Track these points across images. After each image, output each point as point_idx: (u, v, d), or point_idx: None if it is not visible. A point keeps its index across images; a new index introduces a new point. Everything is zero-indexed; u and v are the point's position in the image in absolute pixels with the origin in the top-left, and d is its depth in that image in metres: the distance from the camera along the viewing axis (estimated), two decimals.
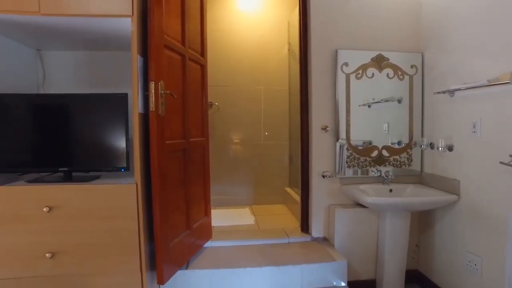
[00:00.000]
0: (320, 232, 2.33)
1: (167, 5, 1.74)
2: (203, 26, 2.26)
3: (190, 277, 1.93)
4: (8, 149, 1.68)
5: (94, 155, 1.73)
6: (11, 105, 1.69)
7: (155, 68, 1.62)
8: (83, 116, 1.72)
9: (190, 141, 2.06)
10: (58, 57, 2.11)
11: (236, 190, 3.49)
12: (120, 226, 1.57)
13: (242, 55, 3.42)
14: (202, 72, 2.27)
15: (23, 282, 1.55)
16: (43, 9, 1.49)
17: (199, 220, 2.19)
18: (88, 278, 1.57)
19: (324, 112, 2.28)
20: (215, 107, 3.40)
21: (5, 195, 1.53)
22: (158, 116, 1.64)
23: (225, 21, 3.40)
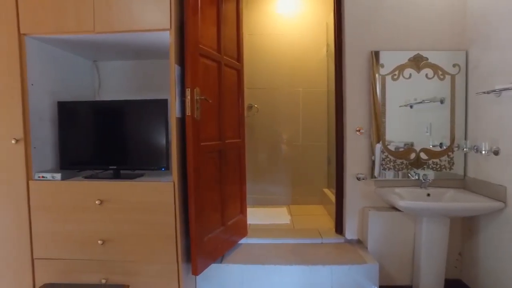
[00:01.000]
0: (353, 234, 2.33)
1: (203, 16, 1.88)
2: (239, 33, 2.37)
3: (224, 270, 2.05)
4: (71, 149, 1.94)
5: (139, 155, 1.92)
6: (75, 110, 1.95)
7: (191, 76, 1.76)
8: (131, 119, 1.92)
9: (226, 142, 2.18)
10: (110, 67, 2.37)
11: (274, 190, 3.57)
12: (160, 219, 1.73)
13: (281, 57, 3.49)
14: (238, 76, 2.39)
15: (80, 263, 1.79)
16: (97, 28, 1.72)
17: (234, 218, 2.31)
18: (131, 264, 1.76)
19: (358, 114, 2.27)
20: (255, 108, 3.51)
21: (67, 189, 1.77)
22: (193, 120, 1.78)
23: (263, 25, 3.49)
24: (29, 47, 1.78)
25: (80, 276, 1.78)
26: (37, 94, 1.84)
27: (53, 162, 1.97)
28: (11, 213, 1.80)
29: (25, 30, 1.75)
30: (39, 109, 1.85)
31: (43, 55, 1.89)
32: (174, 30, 1.71)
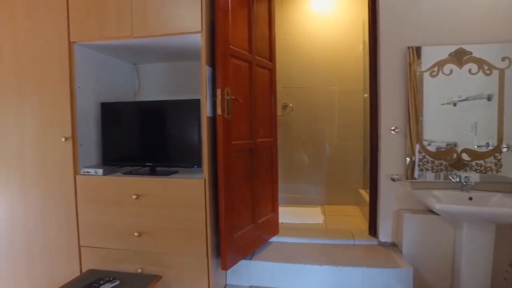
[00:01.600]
0: (387, 236, 2.25)
1: (234, 18, 1.93)
2: (272, 32, 2.39)
3: (253, 267, 2.09)
4: (112, 146, 2.09)
5: (174, 153, 2.01)
6: (116, 111, 2.09)
7: (221, 76, 1.81)
8: (167, 119, 2.02)
9: (257, 141, 2.21)
10: (149, 69, 2.51)
11: (309, 190, 3.55)
12: (191, 215, 1.81)
13: (317, 56, 3.45)
14: (271, 76, 2.41)
15: (119, 253, 1.92)
16: (135, 33, 1.83)
17: (266, 216, 2.33)
18: (164, 256, 1.86)
19: (394, 113, 2.19)
20: (289, 108, 3.51)
21: (107, 183, 1.92)
22: (224, 119, 1.84)
23: (298, 24, 3.48)
24: (77, 53, 1.95)
25: (119, 265, 1.92)
26: (83, 96, 2.00)
27: (97, 158, 2.13)
28: (62, 204, 1.98)
29: (74, 38, 1.91)
30: (84, 109, 2.02)
31: (89, 60, 2.05)
32: (205, 32, 1.77)
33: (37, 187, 2.00)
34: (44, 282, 2.03)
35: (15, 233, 2.05)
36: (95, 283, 1.68)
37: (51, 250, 2.01)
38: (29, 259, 2.04)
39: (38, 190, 2.01)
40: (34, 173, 2.00)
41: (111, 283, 1.68)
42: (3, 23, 1.98)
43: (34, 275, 2.04)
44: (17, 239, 2.05)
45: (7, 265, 2.08)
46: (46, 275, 2.03)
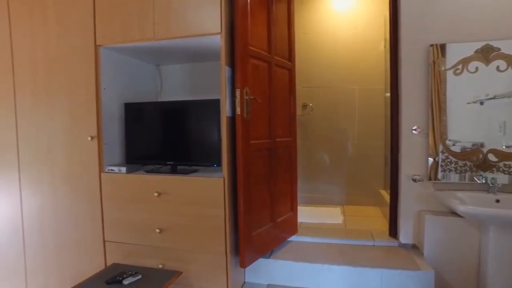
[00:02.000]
0: (408, 238, 2.21)
1: (253, 18, 1.95)
2: (291, 32, 2.39)
3: (272, 265, 2.11)
4: (135, 145, 2.15)
5: (194, 152, 2.05)
6: (139, 111, 2.16)
7: (241, 77, 1.84)
8: (187, 119, 2.06)
9: (276, 141, 2.23)
10: (170, 70, 2.57)
11: (328, 189, 3.52)
12: (211, 213, 1.85)
13: (336, 55, 3.42)
14: (290, 76, 2.41)
15: (141, 248, 1.99)
16: (157, 35, 1.89)
17: (284, 215, 2.34)
18: (184, 253, 1.91)
19: (415, 112, 2.15)
20: (309, 107, 3.50)
21: (130, 181, 1.98)
22: (243, 119, 1.86)
23: (318, 23, 3.45)
24: (103, 56, 2.02)
25: (141, 260, 1.98)
26: (108, 96, 2.08)
27: (120, 157, 2.21)
28: (88, 200, 2.07)
29: (100, 41, 1.99)
30: (109, 110, 2.10)
31: (113, 62, 2.13)
32: (225, 34, 1.80)
33: (65, 184, 2.10)
34: (72, 273, 2.12)
35: (45, 227, 2.16)
36: (119, 276, 1.74)
37: (78, 244, 2.10)
38: (58, 252, 2.15)
39: (66, 186, 2.10)
40: (62, 170, 2.10)
41: (134, 277, 1.74)
42: (37, 30, 2.09)
43: (63, 267, 2.15)
44: (47, 232, 2.16)
45: (39, 257, 2.19)
46: (73, 267, 2.13)
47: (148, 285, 1.69)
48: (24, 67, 2.14)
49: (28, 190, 2.18)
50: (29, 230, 2.20)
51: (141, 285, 1.69)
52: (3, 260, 2.28)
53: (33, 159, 2.16)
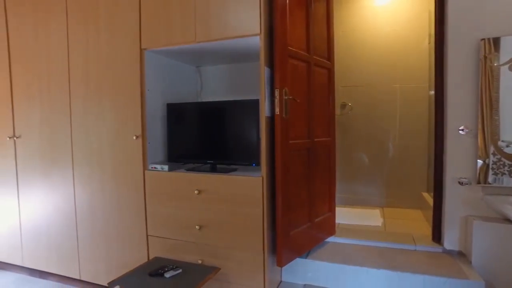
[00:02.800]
0: (454, 244, 2.10)
1: (292, 19, 1.95)
2: (330, 31, 2.36)
3: (309, 266, 2.10)
4: (176, 144, 2.24)
5: (233, 151, 2.09)
6: (180, 111, 2.24)
7: (280, 77, 1.85)
8: (227, 119, 2.11)
9: (315, 141, 2.21)
10: (210, 71, 2.63)
11: (367, 191, 3.44)
12: (249, 211, 1.87)
13: (377, 53, 3.32)
14: (329, 75, 2.38)
15: (181, 244, 2.06)
16: (198, 38, 1.95)
17: (322, 215, 2.32)
18: (223, 250, 1.95)
19: (463, 111, 2.04)
20: (348, 107, 3.43)
21: (172, 179, 2.07)
22: (282, 119, 1.87)
23: (358, 20, 3.37)
24: (147, 59, 2.12)
25: (181, 255, 2.06)
26: (152, 97, 2.17)
27: (162, 155, 2.30)
28: (132, 196, 2.18)
29: (144, 45, 2.09)
30: (152, 110, 2.19)
31: (156, 64, 2.22)
32: (264, 34, 1.82)
33: (112, 180, 2.23)
34: (118, 264, 2.25)
35: (95, 219, 2.31)
36: (161, 269, 1.83)
37: (124, 237, 2.23)
38: (107, 243, 2.29)
39: (113, 183, 2.23)
40: (110, 167, 2.23)
41: (174, 271, 1.81)
42: (90, 37, 2.23)
43: (110, 257, 2.28)
44: (97, 224, 2.31)
45: (90, 247, 2.35)
46: (119, 258, 2.25)
47: (188, 279, 1.75)
48: (78, 73, 2.29)
49: (80, 186, 2.34)
50: (81, 222, 2.36)
51: (181, 279, 1.76)
52: (60, 249, 2.47)
53: (84, 158, 2.32)
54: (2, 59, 2.58)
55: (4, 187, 2.65)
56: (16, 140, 2.57)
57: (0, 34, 2.57)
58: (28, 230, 2.59)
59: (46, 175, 2.47)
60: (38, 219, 2.54)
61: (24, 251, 2.62)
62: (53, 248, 2.49)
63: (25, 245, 2.61)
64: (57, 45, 2.35)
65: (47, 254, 2.52)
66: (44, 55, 2.41)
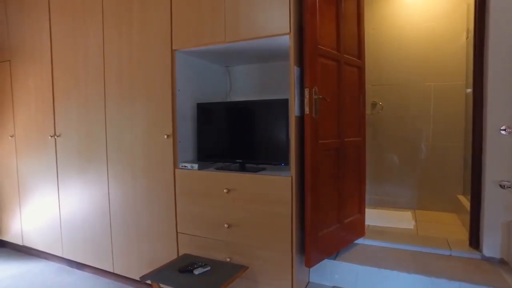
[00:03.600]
0: (494, 251, 2.00)
1: (321, 17, 1.92)
2: (361, 29, 2.31)
3: (337, 267, 2.07)
4: (206, 143, 2.27)
5: (262, 151, 2.09)
6: (210, 110, 2.27)
7: (309, 76, 1.83)
8: (256, 118, 2.11)
9: (345, 140, 2.18)
10: (239, 71, 2.65)
11: (398, 192, 3.33)
12: (277, 211, 1.87)
13: (409, 50, 3.21)
14: (359, 74, 2.33)
15: (210, 242, 2.09)
16: (227, 38, 1.96)
17: (352, 216, 2.28)
18: (251, 249, 1.96)
19: (504, 110, 1.93)
20: (379, 106, 3.34)
21: (202, 177, 2.10)
22: (311, 119, 1.85)
23: (389, 17, 3.28)
24: (178, 59, 2.17)
25: (210, 252, 2.09)
26: (182, 97, 2.22)
27: (192, 154, 2.35)
28: (163, 194, 2.24)
29: (175, 46, 2.13)
30: (183, 110, 2.24)
31: (186, 65, 2.27)
32: (293, 34, 1.80)
33: (143, 178, 2.30)
34: (149, 258, 2.32)
35: (128, 215, 2.39)
36: (190, 266, 1.86)
37: (154, 233, 2.29)
38: (138, 238, 2.36)
39: (144, 180, 2.30)
40: (142, 165, 2.30)
41: (203, 268, 1.84)
42: (123, 39, 2.32)
43: (142, 251, 2.36)
44: (129, 220, 2.39)
45: (122, 241, 2.44)
46: (150, 253, 2.32)
47: (216, 277, 1.77)
48: (112, 75, 2.39)
49: (114, 183, 2.44)
50: (114, 217, 2.46)
51: (210, 276, 1.78)
52: (95, 242, 2.58)
53: (117, 156, 2.40)
54: (46, 63, 2.73)
55: (47, 182, 2.81)
56: (57, 138, 2.72)
57: (45, 41, 2.72)
58: (67, 223, 2.73)
59: (82, 172, 2.59)
60: (75, 213, 2.67)
61: (64, 243, 2.77)
62: (89, 241, 2.61)
63: (64, 237, 2.76)
64: (94, 48, 2.46)
65: (83, 246, 2.65)
66: (81, 59, 2.53)
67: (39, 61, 2.77)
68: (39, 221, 2.91)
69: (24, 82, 2.91)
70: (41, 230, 2.91)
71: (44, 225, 2.88)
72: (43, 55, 2.74)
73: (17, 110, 2.98)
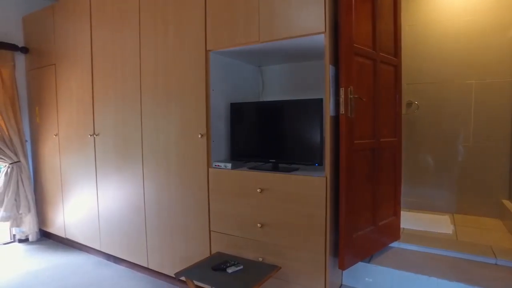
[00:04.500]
0: None
1: (357, 15, 1.88)
2: (397, 27, 2.24)
3: (372, 271, 2.02)
4: (239, 143, 2.29)
5: (295, 151, 2.07)
6: (243, 110, 2.29)
7: (345, 76, 1.80)
8: (289, 118, 2.10)
9: (380, 141, 2.12)
10: (271, 70, 2.65)
11: (435, 195, 3.20)
12: (311, 211, 1.85)
13: (448, 47, 3.07)
14: (396, 72, 2.27)
15: (243, 241, 2.11)
16: (261, 38, 1.96)
17: (386, 219, 2.22)
18: (284, 249, 1.95)
19: None
20: (415, 105, 3.22)
21: (235, 177, 2.12)
22: (347, 119, 1.82)
23: (427, 12, 3.15)
24: (212, 60, 2.20)
25: (242, 251, 2.10)
26: (216, 97, 2.25)
27: (225, 153, 2.37)
28: (196, 192, 2.28)
29: (210, 47, 2.16)
30: (216, 109, 2.27)
31: (220, 65, 2.29)
32: (329, 32, 1.77)
33: (177, 176, 2.36)
34: (182, 255, 2.38)
35: (162, 212, 2.46)
36: (223, 264, 1.88)
37: (187, 231, 2.34)
38: (172, 235, 2.42)
39: (178, 179, 2.36)
40: (176, 164, 2.36)
41: (236, 267, 1.86)
42: (159, 41, 2.38)
43: (176, 248, 2.41)
44: (163, 217, 2.46)
45: (156, 237, 2.52)
46: (183, 250, 2.38)
47: (249, 276, 1.78)
48: (148, 76, 2.46)
49: (149, 181, 2.51)
50: (149, 214, 2.54)
51: (242, 275, 1.80)
52: (130, 237, 2.68)
53: (152, 154, 2.48)
54: (87, 67, 2.87)
55: (87, 178, 2.95)
56: (96, 137, 2.84)
57: (86, 46, 2.86)
58: (104, 218, 2.85)
59: (119, 169, 2.70)
60: (112, 209, 2.78)
61: (102, 237, 2.90)
62: (124, 236, 2.71)
63: (102, 231, 2.88)
64: (131, 51, 2.55)
65: (119, 241, 2.76)
66: (119, 62, 2.63)
67: (81, 65, 2.92)
68: (80, 215, 3.07)
69: (67, 84, 3.07)
70: (81, 224, 3.06)
71: (84, 219, 3.03)
72: (84, 59, 2.88)
73: (61, 110, 3.15)
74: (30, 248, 3.31)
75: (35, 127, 3.48)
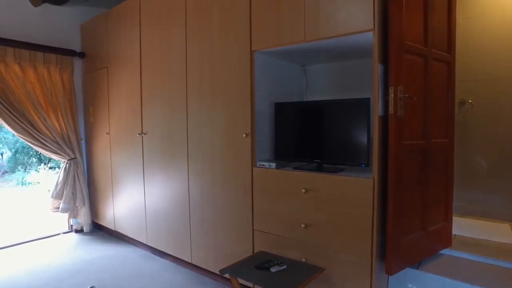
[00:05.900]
0: None
1: (408, 10, 1.80)
2: (451, 20, 2.12)
3: (420, 278, 1.93)
4: (283, 142, 2.29)
5: (340, 151, 2.03)
6: (287, 110, 2.28)
7: (394, 74, 1.74)
8: (333, 117, 2.07)
9: (431, 142, 2.03)
10: (315, 70, 2.62)
11: (493, 200, 2.98)
12: (357, 213, 1.81)
13: (505, 41, 2.84)
14: (449, 70, 2.15)
15: (286, 240, 2.11)
16: (307, 37, 1.95)
17: (436, 224, 2.12)
18: (328, 250, 1.92)
19: None
20: (468, 104, 3.03)
21: (279, 176, 2.12)
22: (396, 119, 1.76)
23: (484, 3, 2.93)
24: (256, 60, 2.22)
25: (285, 251, 2.10)
26: (260, 97, 2.27)
27: (269, 153, 2.39)
28: (240, 191, 2.31)
29: (254, 47, 2.18)
30: (261, 109, 2.28)
31: (264, 65, 2.30)
32: (377, 30, 1.71)
33: (222, 175, 2.41)
34: (225, 252, 2.43)
35: (206, 210, 2.53)
36: (266, 263, 1.90)
37: (231, 228, 2.39)
38: (215, 232, 2.48)
39: (222, 177, 2.41)
40: (220, 163, 2.41)
41: (280, 266, 1.86)
42: (204, 41, 2.45)
43: (219, 245, 2.47)
44: (207, 214, 2.52)
45: (201, 234, 2.59)
46: (226, 247, 2.42)
47: (292, 276, 1.78)
48: (193, 76, 2.54)
49: (193, 179, 2.59)
50: (193, 211, 2.62)
51: (286, 275, 1.80)
52: (175, 233, 2.79)
53: (197, 153, 2.55)
54: (136, 69, 3.02)
55: (135, 175, 3.11)
56: (144, 136, 2.99)
57: (136, 49, 3.02)
58: (151, 214, 2.98)
59: (165, 167, 2.81)
60: (158, 205, 2.90)
61: (148, 232, 3.04)
62: (170, 232, 2.82)
63: (149, 226, 3.02)
64: (177, 53, 2.64)
65: (165, 236, 2.87)
66: (166, 64, 2.74)
67: (130, 67, 3.08)
68: (128, 210, 3.24)
69: (118, 85, 3.25)
70: (129, 218, 3.23)
71: (132, 214, 3.19)
72: (134, 61, 3.04)
73: (112, 110, 3.35)
74: (85, 238, 3.56)
75: (89, 126, 3.73)
